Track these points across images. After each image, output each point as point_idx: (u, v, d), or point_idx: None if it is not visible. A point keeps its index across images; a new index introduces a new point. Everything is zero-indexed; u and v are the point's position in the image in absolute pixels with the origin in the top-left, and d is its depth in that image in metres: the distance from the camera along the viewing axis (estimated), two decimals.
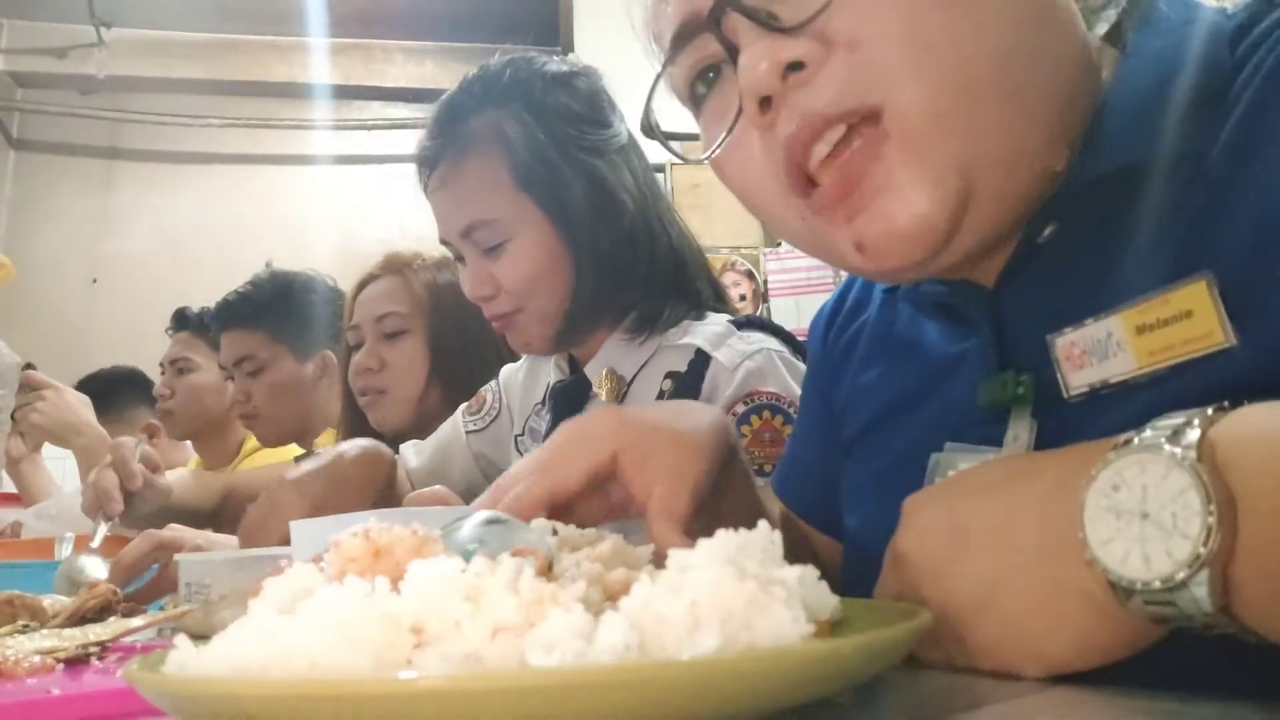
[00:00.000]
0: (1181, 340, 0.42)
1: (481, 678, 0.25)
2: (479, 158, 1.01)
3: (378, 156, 4.13)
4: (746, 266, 3.27)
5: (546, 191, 1.00)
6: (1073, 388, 0.47)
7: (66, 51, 4.02)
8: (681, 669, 0.25)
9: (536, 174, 1.00)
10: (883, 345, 0.65)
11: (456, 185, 1.03)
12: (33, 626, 0.60)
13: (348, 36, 4.18)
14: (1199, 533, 0.31)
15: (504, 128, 1.01)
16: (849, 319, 0.71)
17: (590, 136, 1.02)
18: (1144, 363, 0.44)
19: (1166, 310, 0.43)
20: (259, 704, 0.25)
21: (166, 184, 4.08)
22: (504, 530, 0.37)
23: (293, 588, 0.31)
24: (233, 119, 4.09)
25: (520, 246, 1.01)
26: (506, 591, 0.28)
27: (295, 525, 0.69)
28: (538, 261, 1.01)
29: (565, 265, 1.01)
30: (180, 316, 2.20)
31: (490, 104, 1.03)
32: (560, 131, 1.01)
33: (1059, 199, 0.49)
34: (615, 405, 1.01)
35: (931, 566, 0.40)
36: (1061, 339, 0.48)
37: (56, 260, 3.82)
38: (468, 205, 1.02)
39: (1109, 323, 0.45)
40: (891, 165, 0.46)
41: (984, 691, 0.35)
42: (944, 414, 0.55)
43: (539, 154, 1.00)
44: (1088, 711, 0.33)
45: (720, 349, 0.98)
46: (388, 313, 1.44)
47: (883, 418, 0.62)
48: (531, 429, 1.17)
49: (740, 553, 0.31)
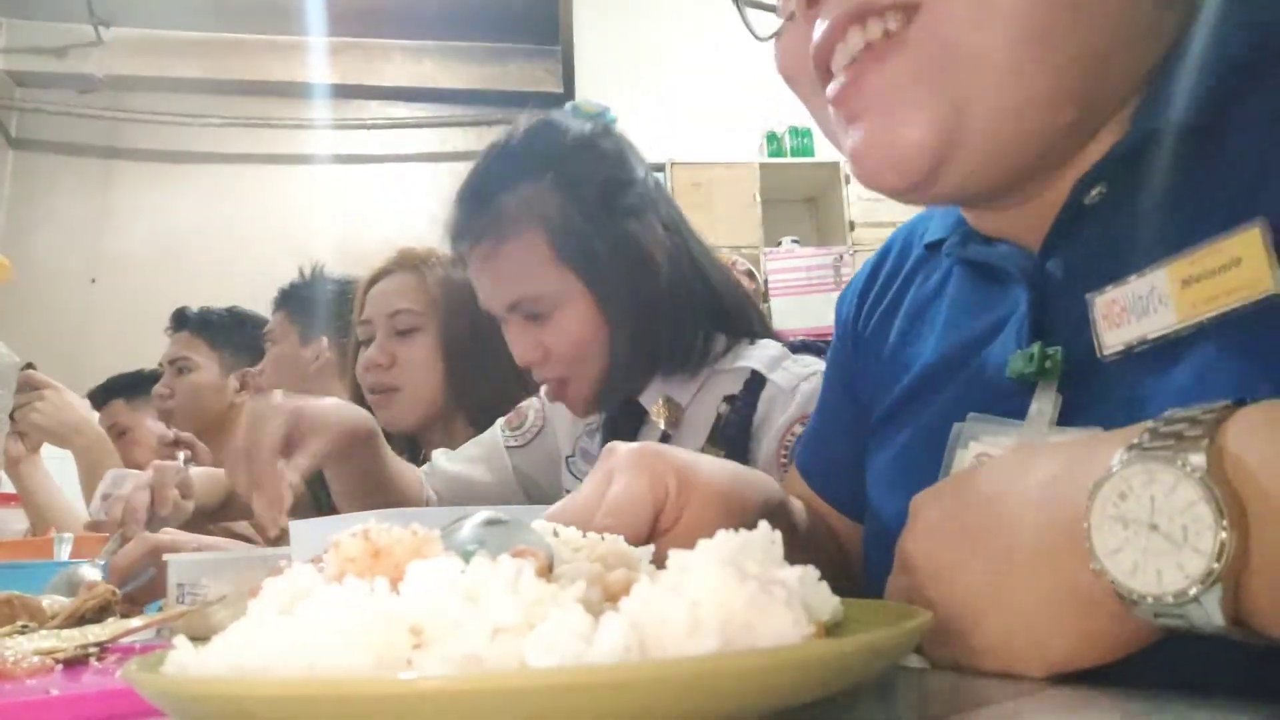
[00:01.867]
0: (1226, 290, 0.41)
1: (481, 678, 0.25)
2: (519, 237, 1.02)
3: (377, 156, 4.14)
4: (747, 266, 3.27)
5: (585, 264, 1.01)
6: (1107, 346, 0.46)
7: (65, 51, 4.03)
8: (681, 669, 0.25)
9: (575, 247, 1.01)
10: (918, 318, 0.64)
11: (499, 264, 1.04)
12: (31, 627, 0.60)
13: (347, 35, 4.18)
14: (1212, 548, 0.30)
15: (540, 203, 1.02)
16: (882, 293, 0.70)
17: (621, 200, 1.03)
18: (1185, 315, 0.42)
19: (1215, 260, 0.41)
20: (259, 704, 0.25)
21: (165, 183, 4.08)
22: (504, 531, 0.37)
23: (292, 588, 0.31)
24: (232, 118, 4.10)
25: (567, 315, 1.03)
26: (506, 592, 0.28)
27: (295, 525, 0.70)
28: (584, 329, 1.03)
29: (604, 332, 1.03)
30: (179, 316, 2.20)
31: (523, 178, 1.03)
32: (592, 200, 1.02)
33: (1110, 160, 0.48)
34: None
35: (935, 567, 0.40)
36: (1102, 297, 0.47)
37: (55, 260, 3.83)
38: (514, 283, 1.03)
39: (1154, 277, 0.44)
40: (897, 79, 0.48)
41: (985, 691, 0.35)
42: (974, 386, 0.54)
43: (575, 227, 1.01)
44: (1088, 711, 0.32)
45: (776, 371, 1.00)
46: (401, 309, 1.43)
47: (913, 394, 0.61)
48: (583, 450, 1.17)
49: (741, 553, 0.31)
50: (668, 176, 3.60)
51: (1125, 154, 0.48)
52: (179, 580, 0.76)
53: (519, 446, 1.24)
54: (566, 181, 1.03)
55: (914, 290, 0.66)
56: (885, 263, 0.71)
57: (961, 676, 0.37)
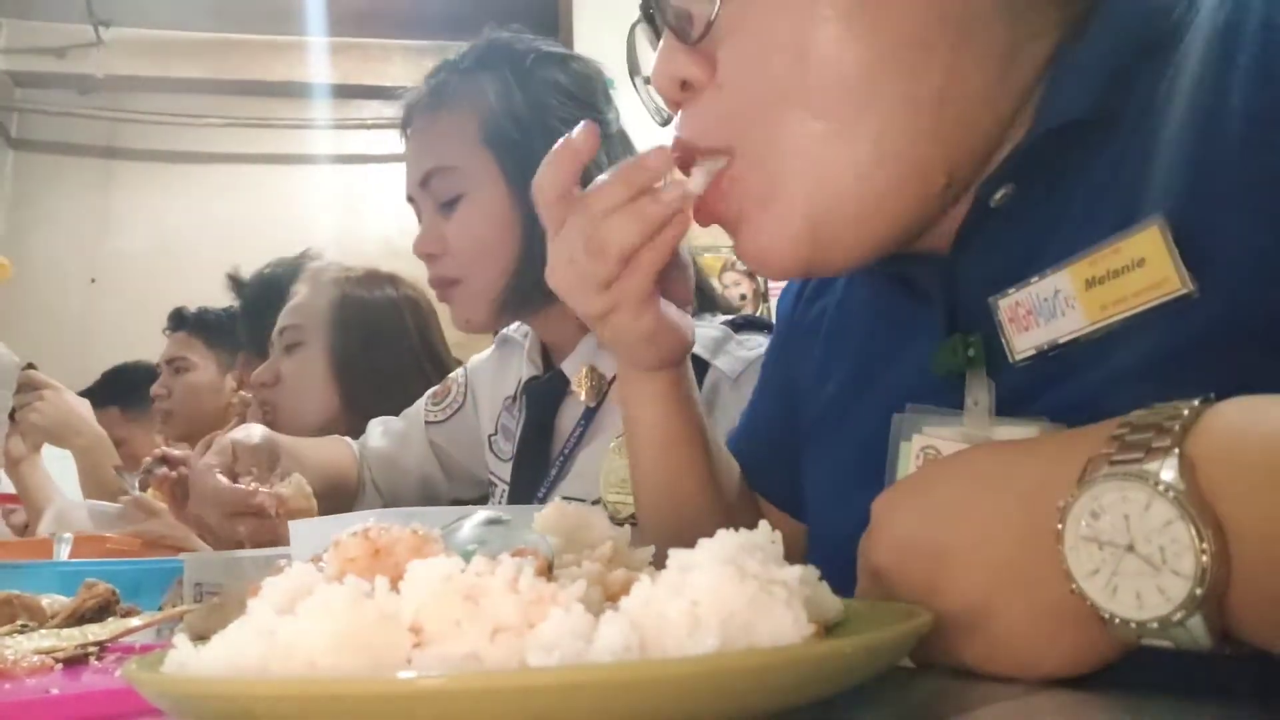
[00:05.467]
0: (1134, 291, 0.40)
1: (481, 678, 0.25)
2: (452, 109, 1.02)
3: (376, 156, 4.13)
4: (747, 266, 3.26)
5: (509, 151, 0.99)
6: (1018, 351, 0.46)
7: (65, 51, 4.02)
8: (681, 669, 0.25)
9: (504, 131, 0.99)
10: (844, 322, 0.65)
11: (425, 133, 1.03)
12: (31, 626, 0.60)
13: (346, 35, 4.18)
14: (1194, 570, 0.29)
15: (483, 85, 1.01)
16: (815, 294, 0.70)
17: (573, 114, 0.99)
18: (1095, 317, 0.42)
19: (1118, 260, 0.41)
20: (258, 704, 0.25)
21: (165, 183, 4.08)
22: (504, 530, 0.37)
23: (292, 587, 0.31)
24: (231, 118, 4.09)
25: (473, 205, 1.00)
26: (506, 591, 0.28)
27: (294, 525, 0.69)
28: (488, 224, 1.00)
29: (514, 236, 0.99)
30: (177, 316, 2.19)
31: (478, 65, 1.03)
32: (540, 99, 1.00)
33: (1012, 161, 0.48)
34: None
35: (911, 588, 0.39)
36: (1005, 300, 0.46)
37: (55, 260, 3.82)
38: (430, 151, 1.02)
39: (1056, 279, 0.44)
40: (743, 207, 0.50)
41: (984, 691, 0.35)
42: (903, 385, 0.54)
43: (511, 113, 1.00)
44: (1088, 711, 0.32)
45: (719, 356, 0.95)
46: (286, 325, 1.44)
47: (846, 389, 0.61)
48: (504, 427, 1.14)
49: (741, 553, 0.31)
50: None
51: (1027, 152, 0.47)
52: (197, 579, 0.76)
53: (439, 422, 1.22)
54: (518, 73, 1.01)
55: (841, 294, 0.67)
56: None
57: (959, 676, 0.37)
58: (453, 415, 1.22)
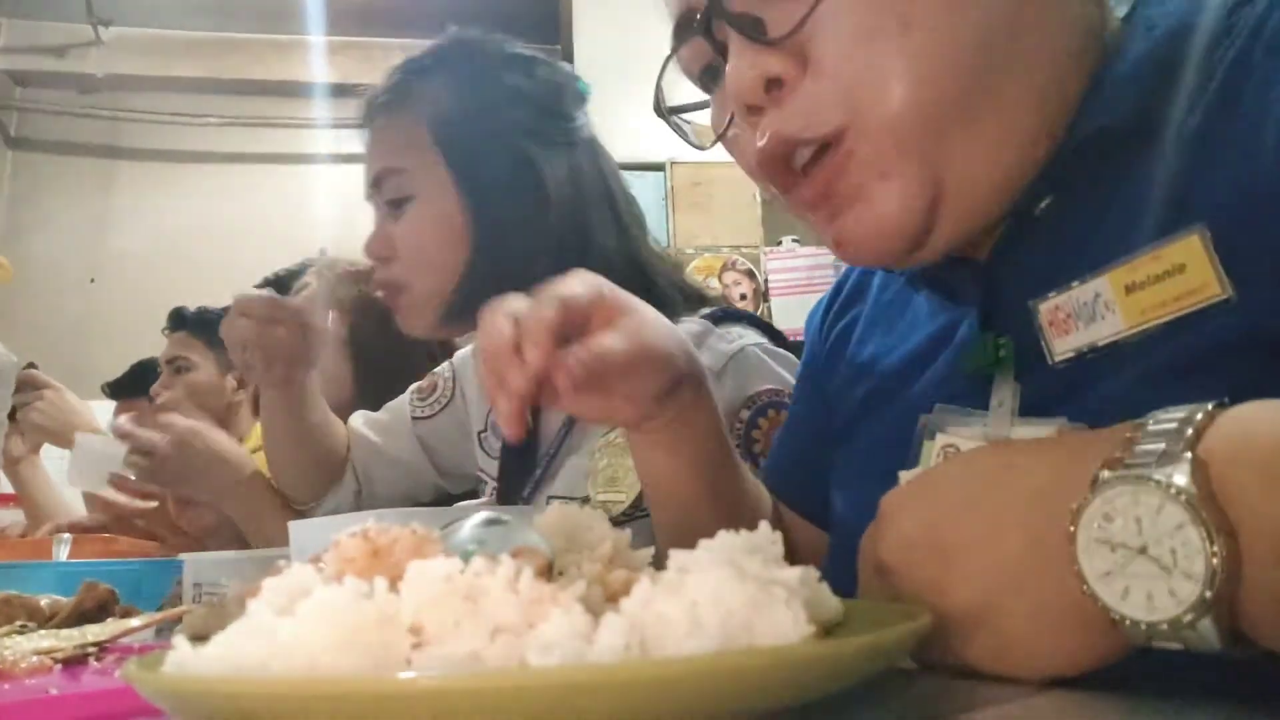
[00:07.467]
0: (1174, 296, 0.41)
1: (481, 678, 0.25)
2: (406, 110, 1.00)
3: None
4: (747, 266, 3.27)
5: (459, 155, 0.97)
6: (1057, 353, 0.46)
7: (65, 50, 4.03)
8: (682, 669, 0.25)
9: (455, 135, 0.97)
10: (879, 323, 0.66)
11: (379, 132, 1.02)
12: (30, 627, 0.60)
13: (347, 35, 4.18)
14: (1204, 573, 0.29)
15: (439, 86, 1.00)
16: (845, 307, 0.71)
17: (534, 120, 0.98)
18: (1134, 321, 0.43)
19: (1157, 266, 0.42)
20: (258, 704, 0.25)
21: (165, 183, 4.08)
22: (504, 530, 0.37)
23: (291, 588, 0.31)
24: (232, 118, 4.10)
25: (421, 208, 0.99)
26: (506, 591, 0.28)
27: (294, 525, 0.70)
28: (435, 228, 0.98)
29: (462, 242, 0.97)
30: (177, 316, 2.19)
31: (436, 65, 1.02)
32: (498, 104, 0.98)
33: (1052, 169, 0.49)
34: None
35: (916, 585, 0.39)
36: (1045, 304, 0.47)
37: (55, 260, 3.82)
38: (382, 152, 1.01)
39: (1096, 284, 0.45)
40: (860, 180, 0.48)
41: (984, 691, 0.35)
42: (934, 386, 0.55)
43: (464, 116, 0.98)
44: (1088, 712, 0.32)
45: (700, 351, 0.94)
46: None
47: (876, 394, 0.62)
48: (494, 424, 1.12)
49: (741, 554, 0.31)
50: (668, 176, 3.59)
51: (1066, 161, 0.48)
52: (196, 579, 0.76)
53: (425, 418, 1.21)
54: (476, 75, 1.00)
55: (874, 297, 0.68)
56: (851, 275, 0.73)
57: (959, 676, 0.37)
58: (440, 411, 1.20)
